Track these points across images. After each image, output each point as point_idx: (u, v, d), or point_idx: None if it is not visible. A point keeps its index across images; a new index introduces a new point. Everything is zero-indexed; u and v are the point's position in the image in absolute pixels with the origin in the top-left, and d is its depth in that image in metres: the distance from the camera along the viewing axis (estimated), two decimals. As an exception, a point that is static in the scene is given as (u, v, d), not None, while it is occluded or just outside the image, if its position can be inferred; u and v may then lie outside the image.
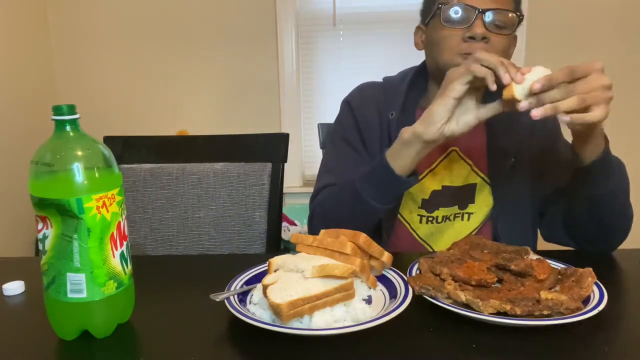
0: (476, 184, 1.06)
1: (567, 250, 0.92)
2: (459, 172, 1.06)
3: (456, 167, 1.06)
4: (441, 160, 1.06)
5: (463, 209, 1.07)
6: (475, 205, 1.07)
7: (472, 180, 1.06)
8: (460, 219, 1.08)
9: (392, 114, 1.05)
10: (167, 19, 2.42)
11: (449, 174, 1.06)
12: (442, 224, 1.08)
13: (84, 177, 0.61)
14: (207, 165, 1.30)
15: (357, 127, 1.09)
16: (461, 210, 1.07)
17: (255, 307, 0.69)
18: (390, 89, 1.10)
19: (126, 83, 2.49)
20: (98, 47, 2.47)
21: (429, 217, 1.07)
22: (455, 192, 1.06)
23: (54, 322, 0.66)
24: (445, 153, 1.06)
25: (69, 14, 2.45)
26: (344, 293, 0.66)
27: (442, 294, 0.70)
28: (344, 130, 1.11)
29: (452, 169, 1.06)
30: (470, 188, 1.06)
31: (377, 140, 1.08)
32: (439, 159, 1.06)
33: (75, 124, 0.63)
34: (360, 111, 1.10)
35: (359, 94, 1.14)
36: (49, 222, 0.62)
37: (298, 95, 2.56)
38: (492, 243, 0.85)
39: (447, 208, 1.07)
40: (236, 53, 2.44)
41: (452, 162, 1.06)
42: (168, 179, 1.29)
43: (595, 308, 0.65)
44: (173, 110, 2.50)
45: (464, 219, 1.07)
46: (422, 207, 1.07)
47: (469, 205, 1.07)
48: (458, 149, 1.06)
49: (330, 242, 0.74)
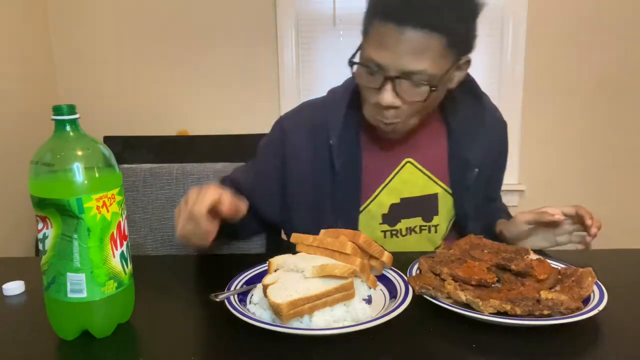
0: (437, 194, 1.02)
1: (567, 250, 0.92)
2: (415, 182, 1.01)
3: (412, 178, 1.01)
4: (396, 173, 1.01)
5: (428, 222, 1.03)
6: (439, 217, 1.03)
7: (432, 190, 1.02)
8: (427, 231, 1.03)
9: (332, 140, 0.97)
10: (167, 19, 2.42)
11: (405, 186, 1.01)
12: (408, 236, 1.03)
13: (84, 177, 0.61)
14: (207, 165, 1.30)
15: (282, 163, 1.03)
16: (426, 223, 1.03)
17: (255, 307, 0.69)
18: (331, 108, 1.00)
19: (126, 83, 2.49)
20: (98, 47, 2.47)
21: (392, 231, 1.02)
22: (415, 202, 1.02)
23: (54, 322, 0.66)
24: (400, 166, 1.01)
25: (69, 14, 2.45)
26: (344, 293, 0.66)
27: (442, 294, 0.70)
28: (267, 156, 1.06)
29: (409, 181, 1.01)
30: (431, 198, 1.02)
31: (308, 170, 1.01)
32: (393, 172, 1.01)
33: (75, 124, 0.63)
34: (290, 143, 1.02)
35: (295, 120, 1.05)
36: (49, 222, 0.62)
37: (298, 95, 2.55)
38: (492, 243, 0.85)
39: (410, 219, 1.02)
40: (236, 53, 2.44)
41: (407, 173, 1.01)
42: (168, 179, 1.29)
43: (595, 308, 0.65)
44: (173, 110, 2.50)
45: (430, 232, 1.04)
46: (384, 222, 1.02)
47: (433, 218, 1.03)
48: (413, 160, 1.01)
49: (330, 242, 0.74)
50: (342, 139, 0.97)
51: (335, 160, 0.97)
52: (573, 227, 0.92)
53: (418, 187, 1.02)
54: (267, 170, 1.05)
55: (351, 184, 0.99)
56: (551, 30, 2.31)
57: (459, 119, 1.02)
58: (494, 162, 1.09)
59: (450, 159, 1.03)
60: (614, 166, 2.40)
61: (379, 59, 0.82)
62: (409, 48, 0.80)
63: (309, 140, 1.01)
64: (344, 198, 0.99)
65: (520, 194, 2.44)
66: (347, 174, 0.98)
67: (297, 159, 1.01)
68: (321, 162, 0.99)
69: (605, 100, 2.34)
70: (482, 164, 1.01)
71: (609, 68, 2.32)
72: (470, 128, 1.00)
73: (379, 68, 0.84)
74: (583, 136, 2.39)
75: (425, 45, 0.79)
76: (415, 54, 0.80)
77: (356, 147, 0.99)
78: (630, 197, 2.42)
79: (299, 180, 1.02)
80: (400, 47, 0.80)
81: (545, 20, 2.30)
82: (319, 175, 1.00)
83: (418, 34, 0.79)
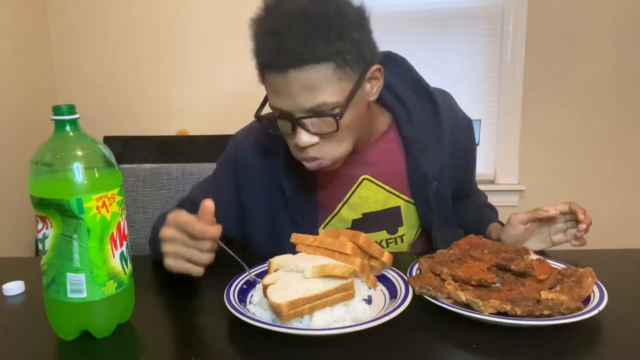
0: (399, 207, 1.00)
1: (567, 250, 0.92)
2: (375, 197, 0.99)
3: (371, 193, 0.99)
4: (354, 191, 0.98)
5: (393, 234, 1.01)
6: (404, 227, 1.01)
7: (393, 203, 1.00)
8: (394, 243, 1.02)
9: (280, 163, 0.95)
10: (167, 18, 2.42)
11: (365, 202, 0.99)
12: None
13: (84, 177, 0.61)
14: (207, 165, 1.30)
15: (236, 182, 1.01)
16: (392, 235, 1.01)
17: (255, 307, 0.69)
18: None
19: (126, 83, 2.49)
20: (98, 47, 2.47)
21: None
22: (377, 217, 0.99)
23: (54, 322, 0.66)
24: (357, 184, 0.98)
25: (69, 14, 2.44)
26: (344, 293, 0.66)
27: (442, 294, 0.69)
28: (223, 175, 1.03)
29: (368, 197, 0.99)
30: (394, 211, 1.00)
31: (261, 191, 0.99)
32: (351, 190, 0.98)
33: (75, 124, 0.63)
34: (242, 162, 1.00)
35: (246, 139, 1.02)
36: (49, 222, 0.62)
37: (298, 95, 2.55)
38: (492, 243, 0.85)
39: (375, 233, 1.00)
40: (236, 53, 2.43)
41: (365, 189, 0.98)
42: (168, 179, 1.29)
43: (595, 308, 0.65)
44: (173, 110, 2.49)
45: (397, 243, 1.02)
46: None
47: (398, 229, 1.01)
48: (369, 177, 0.98)
49: (330, 242, 0.74)
50: (292, 161, 0.92)
51: (284, 184, 0.95)
52: (567, 224, 0.92)
53: (379, 201, 0.99)
54: (223, 190, 1.01)
55: (305, 204, 0.97)
56: (551, 30, 2.31)
57: (415, 129, 0.99)
58: (458, 167, 1.06)
59: (408, 172, 1.00)
60: (614, 166, 2.40)
61: (280, 106, 0.81)
62: (299, 88, 0.78)
63: (260, 161, 0.98)
64: (301, 220, 0.97)
65: (520, 194, 2.44)
66: (300, 196, 0.96)
67: (250, 179, 0.99)
68: (273, 183, 0.97)
69: (605, 100, 2.34)
70: (442, 174, 0.99)
71: (609, 68, 2.32)
72: (427, 137, 0.97)
73: (283, 113, 0.82)
74: (583, 136, 2.38)
75: (314, 79, 0.77)
76: (308, 91, 0.78)
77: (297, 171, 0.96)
78: (630, 197, 2.42)
79: (254, 200, 1.00)
80: (291, 90, 0.78)
81: (545, 20, 2.30)
82: (273, 196, 0.98)
83: (300, 73, 0.77)
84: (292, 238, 0.78)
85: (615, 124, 2.37)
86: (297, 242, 0.78)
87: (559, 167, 2.42)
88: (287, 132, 0.84)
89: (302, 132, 0.82)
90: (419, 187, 0.99)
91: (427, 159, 0.98)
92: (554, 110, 2.37)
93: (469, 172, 1.16)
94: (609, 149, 2.39)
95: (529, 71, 2.33)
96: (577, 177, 2.41)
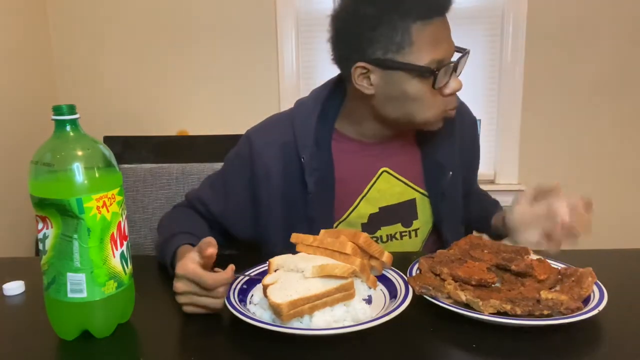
0: (415, 199, 1.02)
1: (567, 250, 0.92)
2: (392, 190, 1.00)
3: (389, 186, 1.00)
4: (373, 184, 1.00)
5: (408, 227, 1.02)
6: (419, 220, 1.03)
7: (409, 196, 1.02)
8: (408, 236, 1.03)
9: (303, 158, 0.95)
10: (167, 18, 2.42)
11: (383, 195, 1.00)
12: (389, 243, 1.02)
13: (84, 177, 0.61)
14: (207, 165, 1.30)
15: (250, 180, 1.00)
16: (407, 229, 1.02)
17: (255, 307, 0.69)
18: (301, 122, 0.98)
19: (126, 83, 2.49)
20: (98, 46, 2.47)
21: (372, 238, 0.99)
22: (394, 210, 1.01)
23: (54, 322, 0.66)
24: (376, 176, 1.00)
25: (69, 13, 2.44)
26: (344, 293, 0.66)
27: (442, 293, 0.70)
28: (235, 173, 1.02)
29: (386, 190, 1.00)
30: (409, 204, 1.02)
31: (279, 188, 0.98)
32: (370, 183, 1.00)
33: (75, 124, 0.63)
34: (259, 161, 0.98)
35: (264, 137, 1.01)
36: (49, 222, 0.62)
37: (298, 95, 2.55)
38: (493, 243, 0.85)
39: (390, 226, 1.01)
40: (236, 53, 2.44)
41: (384, 182, 1.00)
42: (168, 179, 1.29)
43: (595, 308, 0.65)
44: (173, 110, 2.49)
45: (411, 237, 1.03)
46: (364, 231, 1.00)
47: (413, 222, 1.03)
48: (389, 169, 1.00)
49: (330, 242, 0.74)
50: (313, 155, 0.95)
51: (308, 178, 0.95)
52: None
53: (395, 195, 1.01)
54: (236, 189, 1.02)
55: (324, 199, 0.98)
56: (551, 30, 2.31)
57: None
58: (467, 161, 1.08)
59: (424, 162, 1.02)
60: (614, 166, 2.40)
61: (441, 55, 0.86)
62: (449, 31, 0.89)
63: (279, 158, 0.98)
64: (318, 214, 0.97)
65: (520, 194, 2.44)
66: (320, 190, 0.97)
67: (268, 177, 0.98)
68: (292, 179, 0.97)
69: (605, 100, 2.34)
70: (456, 165, 1.02)
71: (609, 68, 2.32)
72: (441, 129, 0.98)
73: (440, 64, 0.86)
74: (583, 136, 2.38)
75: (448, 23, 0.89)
76: (450, 34, 0.89)
77: (329, 162, 0.98)
78: (630, 197, 2.42)
79: (271, 198, 0.99)
80: (448, 33, 0.88)
81: (545, 20, 2.30)
82: (291, 192, 0.98)
83: (444, 17, 0.88)
84: (292, 238, 0.78)
85: (615, 124, 2.37)
86: (297, 242, 0.78)
87: (559, 167, 2.41)
88: (445, 81, 0.88)
89: (456, 77, 0.89)
90: (434, 179, 1.02)
91: (444, 150, 1.01)
92: (554, 110, 2.37)
93: (475, 168, 1.18)
94: (609, 149, 2.39)
95: (529, 71, 2.33)
96: (576, 177, 2.41)
